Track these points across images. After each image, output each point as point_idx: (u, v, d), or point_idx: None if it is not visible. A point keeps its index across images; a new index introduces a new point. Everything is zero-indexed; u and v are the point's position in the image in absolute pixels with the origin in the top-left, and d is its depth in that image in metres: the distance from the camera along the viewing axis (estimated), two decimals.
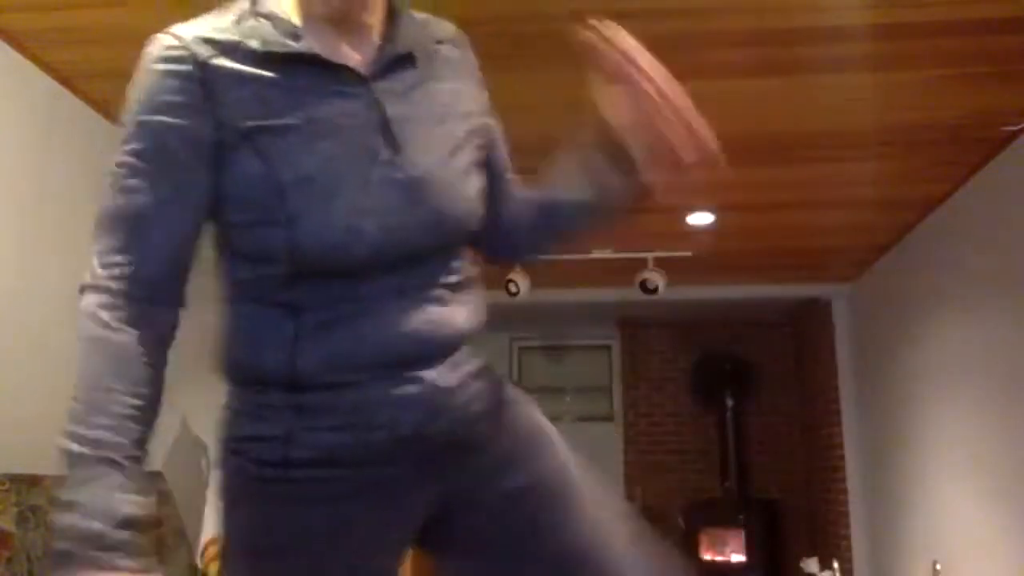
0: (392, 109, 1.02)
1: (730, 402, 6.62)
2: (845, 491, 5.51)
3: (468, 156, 1.09)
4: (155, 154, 0.99)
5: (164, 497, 2.89)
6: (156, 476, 2.95)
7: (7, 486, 2.23)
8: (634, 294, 4.66)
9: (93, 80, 2.85)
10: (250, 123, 0.97)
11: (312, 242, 0.96)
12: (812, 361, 6.27)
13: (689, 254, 4.63)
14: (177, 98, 0.98)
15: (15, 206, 2.67)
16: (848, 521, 5.46)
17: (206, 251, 1.05)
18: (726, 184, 3.88)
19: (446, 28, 1.19)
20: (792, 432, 6.78)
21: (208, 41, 1.00)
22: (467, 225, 1.07)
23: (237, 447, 1.05)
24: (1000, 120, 3.10)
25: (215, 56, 0.99)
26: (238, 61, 0.99)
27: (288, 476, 1.00)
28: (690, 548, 6.29)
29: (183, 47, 1.00)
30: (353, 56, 1.04)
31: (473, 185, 1.08)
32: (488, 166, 1.15)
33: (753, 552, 6.12)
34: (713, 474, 6.62)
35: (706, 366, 6.78)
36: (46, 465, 2.54)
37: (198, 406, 3.76)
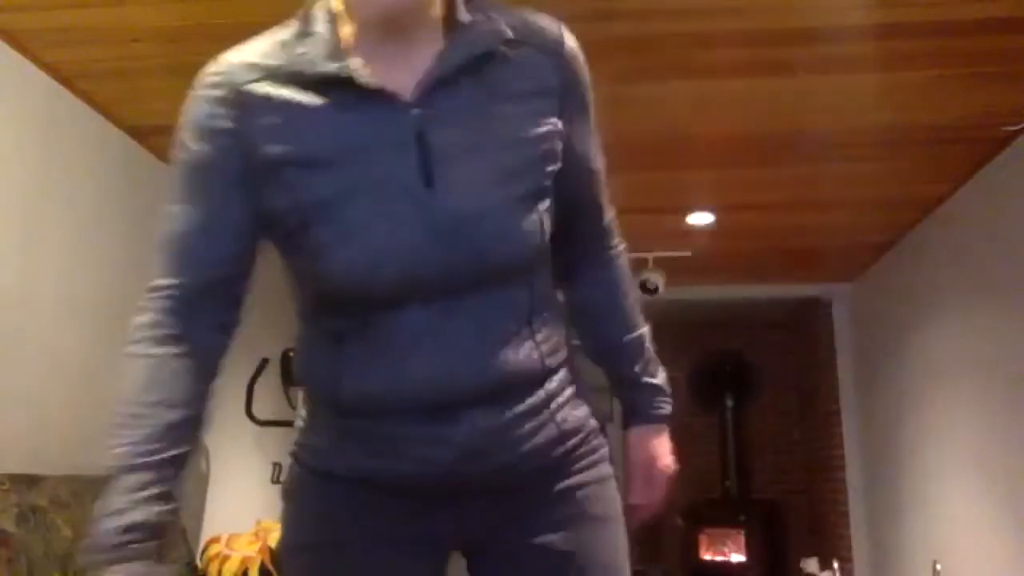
0: (436, 136, 0.96)
1: (730, 402, 6.62)
2: (845, 491, 5.50)
3: (526, 185, 1.00)
4: (190, 179, 1.01)
5: None
6: None
7: (7, 486, 2.23)
8: None
9: (93, 80, 2.84)
10: (277, 153, 0.96)
11: (334, 275, 0.96)
12: (812, 361, 6.26)
13: (689, 254, 4.63)
14: (209, 123, 0.98)
15: (15, 206, 2.67)
16: (848, 521, 5.46)
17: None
18: (726, 184, 3.89)
19: (544, 31, 1.04)
20: (792, 432, 6.78)
21: (250, 66, 0.98)
22: (513, 262, 0.99)
23: (296, 450, 1.11)
24: (1000, 120, 3.09)
25: (252, 82, 0.97)
26: (274, 86, 0.96)
27: (328, 486, 1.05)
28: (690, 548, 6.29)
29: (223, 72, 0.99)
30: (404, 75, 0.96)
31: (528, 218, 0.99)
32: (560, 199, 1.04)
33: (753, 552, 6.12)
34: (713, 474, 6.62)
35: (706, 366, 6.78)
36: (46, 465, 2.54)
37: None
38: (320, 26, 0.98)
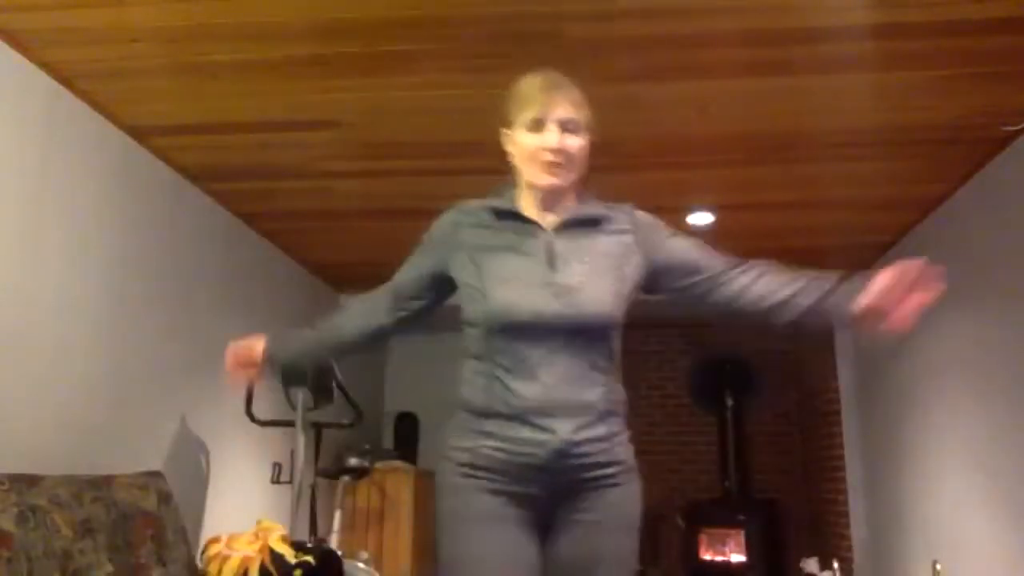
0: (560, 246, 1.72)
1: (730, 402, 6.62)
2: (845, 491, 5.50)
3: (609, 277, 1.70)
4: (420, 248, 1.85)
5: (164, 497, 2.89)
6: (156, 476, 2.95)
7: (7, 486, 2.23)
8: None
9: (93, 80, 2.84)
10: (473, 245, 1.75)
11: (493, 307, 1.67)
12: (812, 361, 6.26)
13: None
14: (444, 229, 1.81)
15: (15, 206, 2.67)
16: (848, 521, 5.46)
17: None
18: (726, 184, 3.89)
19: (622, 208, 1.81)
20: (792, 432, 6.78)
21: (470, 205, 1.81)
22: (595, 319, 1.67)
23: (447, 453, 1.72)
24: (1000, 120, 3.10)
25: (468, 212, 1.80)
26: (477, 214, 1.79)
27: (470, 474, 1.66)
28: (690, 548, 6.29)
29: (456, 210, 1.82)
30: (549, 216, 1.76)
31: (609, 295, 1.69)
32: (663, 277, 1.80)
33: (753, 552, 6.12)
34: (713, 474, 6.62)
35: (706, 366, 6.78)
36: (46, 465, 2.54)
37: (198, 406, 3.76)
38: (508, 189, 1.81)
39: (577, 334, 1.65)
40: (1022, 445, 3.26)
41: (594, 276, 1.69)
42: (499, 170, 1.85)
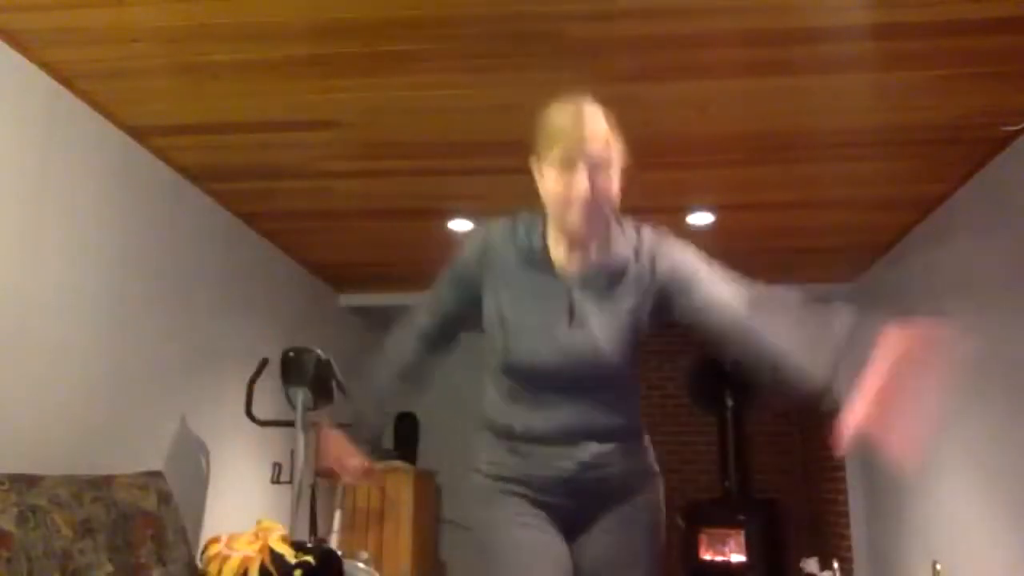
0: (578, 297, 1.72)
1: (730, 402, 6.61)
2: (845, 491, 5.50)
3: (621, 333, 1.71)
4: (448, 277, 1.84)
5: (164, 497, 2.89)
6: (156, 476, 2.95)
7: (7, 486, 2.23)
8: None
9: (93, 80, 2.85)
10: (498, 280, 1.76)
11: (510, 357, 1.73)
12: None
13: None
14: (475, 257, 1.80)
15: (15, 206, 2.67)
16: (848, 521, 5.46)
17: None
18: (726, 184, 3.89)
19: (646, 239, 1.78)
20: (792, 432, 6.78)
21: (499, 232, 1.79)
22: (609, 372, 1.72)
23: (478, 467, 1.82)
24: (1000, 120, 3.10)
25: (498, 238, 1.78)
26: (504, 245, 1.77)
27: (500, 486, 1.77)
28: (690, 548, 6.29)
29: (486, 233, 1.81)
30: (575, 257, 1.73)
31: (620, 350, 1.71)
32: (672, 308, 1.74)
33: (753, 552, 6.11)
34: (713, 474, 6.62)
35: (706, 366, 6.77)
36: (46, 465, 2.54)
37: (198, 406, 3.76)
38: (537, 222, 1.76)
39: (593, 379, 1.72)
40: (1022, 445, 3.26)
41: (611, 330, 1.71)
42: (499, 170, 1.85)
